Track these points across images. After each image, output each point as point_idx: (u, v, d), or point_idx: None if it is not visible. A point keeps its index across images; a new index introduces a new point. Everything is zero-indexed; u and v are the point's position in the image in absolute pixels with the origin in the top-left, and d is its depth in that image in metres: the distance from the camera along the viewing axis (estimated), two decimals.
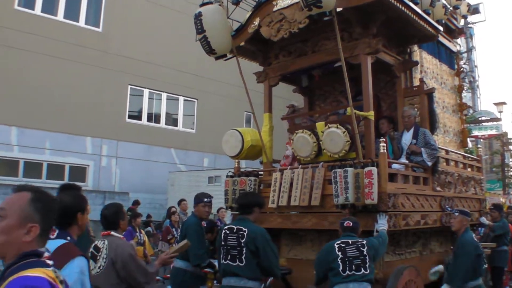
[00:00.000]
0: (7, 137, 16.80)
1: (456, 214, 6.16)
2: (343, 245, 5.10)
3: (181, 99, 21.29)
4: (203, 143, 20.21)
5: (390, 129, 7.10)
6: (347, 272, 4.97)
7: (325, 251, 5.24)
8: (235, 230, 5.00)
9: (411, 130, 6.74)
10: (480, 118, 19.10)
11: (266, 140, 7.22)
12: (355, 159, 5.98)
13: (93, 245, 4.30)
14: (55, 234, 2.94)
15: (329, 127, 6.18)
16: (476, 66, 22.03)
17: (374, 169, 5.59)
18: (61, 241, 2.89)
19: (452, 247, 8.27)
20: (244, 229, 4.98)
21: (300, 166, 6.53)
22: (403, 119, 6.81)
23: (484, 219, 8.41)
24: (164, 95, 20.89)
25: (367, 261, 4.98)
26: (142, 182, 18.90)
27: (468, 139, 20.06)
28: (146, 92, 20.38)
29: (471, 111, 19.63)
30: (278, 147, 7.82)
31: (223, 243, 4.99)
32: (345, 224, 5.31)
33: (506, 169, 25.96)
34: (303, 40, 7.00)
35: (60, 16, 18.36)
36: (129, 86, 19.78)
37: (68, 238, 2.98)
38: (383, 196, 5.65)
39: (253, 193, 6.21)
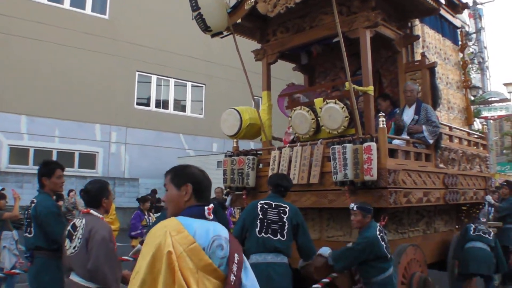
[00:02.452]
0: (17, 126, 16.89)
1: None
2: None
3: (189, 84, 21.23)
4: (212, 128, 20.12)
5: (389, 106, 6.98)
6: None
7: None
8: (274, 206, 4.95)
9: (413, 106, 6.60)
10: (489, 99, 18.79)
11: (265, 119, 7.12)
12: (355, 135, 5.85)
13: (71, 223, 4.10)
14: None
15: (327, 103, 6.06)
16: (485, 47, 21.65)
17: (373, 145, 5.47)
18: None
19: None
20: (284, 205, 4.99)
21: (299, 144, 6.42)
22: (405, 93, 6.66)
23: (489, 198, 8.24)
24: (172, 81, 20.83)
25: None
26: (152, 168, 18.90)
27: (478, 120, 19.85)
28: (154, 78, 20.34)
29: (480, 91, 19.34)
30: (279, 127, 7.73)
31: (261, 217, 4.87)
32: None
33: None
34: (301, 15, 6.86)
35: (66, 4, 18.35)
36: (137, 73, 19.74)
37: None
38: (383, 172, 5.53)
39: (283, 176, 5.93)
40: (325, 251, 5.49)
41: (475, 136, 8.68)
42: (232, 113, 7.20)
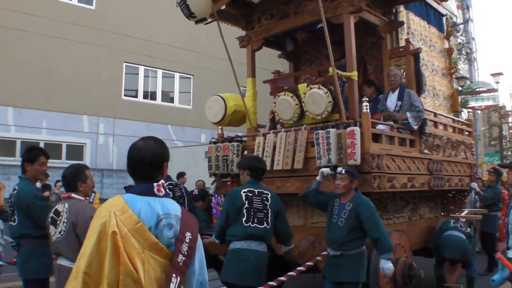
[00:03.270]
0: (3, 117, 16.74)
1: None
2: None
3: (177, 75, 21.13)
4: (200, 119, 19.95)
5: (373, 93, 6.98)
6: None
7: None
8: (257, 193, 4.86)
9: (397, 91, 6.60)
10: (477, 89, 18.87)
11: (250, 105, 7.10)
12: (339, 120, 5.84)
13: (53, 209, 4.06)
14: None
15: (311, 88, 6.04)
16: (473, 38, 21.72)
17: (357, 129, 5.47)
18: None
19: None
20: (266, 191, 4.92)
21: (283, 130, 6.41)
22: (388, 78, 6.66)
23: (475, 185, 8.28)
24: (160, 72, 20.73)
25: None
26: None
27: (466, 110, 19.95)
28: (141, 69, 20.23)
29: (468, 82, 19.42)
30: (264, 114, 7.70)
31: (247, 206, 4.79)
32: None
33: (504, 141, 25.81)
34: (286, 1, 6.84)
35: None
36: (125, 64, 19.63)
37: None
38: (367, 157, 5.54)
39: (260, 159, 5.87)
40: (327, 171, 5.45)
41: (461, 123, 8.71)
42: (217, 100, 7.18)
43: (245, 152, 6.92)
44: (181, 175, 13.85)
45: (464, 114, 20.32)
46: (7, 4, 16.53)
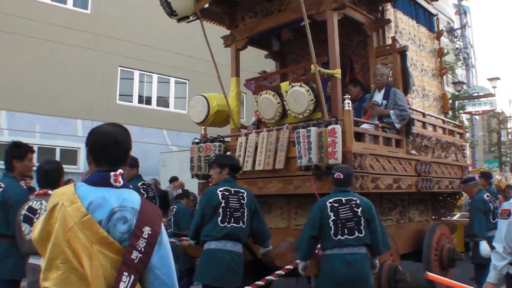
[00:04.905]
0: None
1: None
2: (336, 204, 4.65)
3: (172, 80, 20.97)
4: (196, 124, 19.91)
5: (359, 92, 6.84)
6: (339, 236, 4.58)
7: (318, 211, 4.72)
8: (233, 192, 4.77)
9: (383, 90, 6.45)
10: (474, 94, 18.69)
11: (233, 105, 6.95)
12: (321, 119, 5.69)
13: (26, 207, 3.96)
14: None
15: (292, 86, 5.90)
16: (470, 43, 21.57)
17: (338, 127, 5.31)
18: None
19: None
20: (242, 190, 4.85)
21: (265, 129, 6.25)
22: (375, 77, 6.52)
23: None
24: (155, 77, 20.55)
25: (362, 223, 4.58)
26: None
27: (464, 116, 19.80)
28: (136, 73, 20.05)
29: (465, 87, 19.27)
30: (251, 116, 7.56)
31: (224, 205, 4.67)
32: (335, 176, 4.77)
33: (502, 147, 25.62)
34: None
35: None
36: (119, 68, 19.46)
37: None
38: (348, 156, 5.39)
39: (231, 155, 5.83)
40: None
41: (452, 124, 8.56)
42: (200, 100, 7.04)
43: (228, 153, 6.77)
44: (173, 179, 13.70)
45: (465, 121, 20.24)
46: (0, 7, 16.43)
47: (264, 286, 6.45)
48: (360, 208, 4.62)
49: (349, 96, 5.62)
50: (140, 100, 20.28)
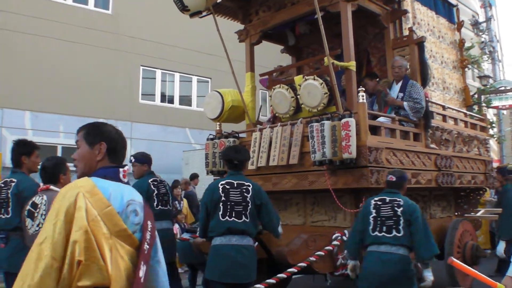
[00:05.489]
0: (21, 121, 16.80)
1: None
2: (379, 202, 4.70)
3: (195, 78, 20.99)
4: (225, 123, 19.86)
5: (376, 86, 6.67)
6: (376, 232, 4.60)
7: (364, 208, 4.83)
8: (235, 185, 4.60)
9: (400, 83, 6.28)
10: (500, 88, 18.16)
11: (248, 101, 6.87)
12: (335, 112, 5.55)
13: (30, 202, 3.98)
14: None
15: (306, 80, 5.77)
16: (496, 37, 20.95)
17: (352, 120, 5.18)
18: None
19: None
20: (247, 183, 4.63)
21: (279, 124, 6.14)
22: (393, 69, 6.35)
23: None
24: (177, 75, 20.61)
25: (401, 223, 4.53)
26: (158, 162, 18.45)
27: (491, 111, 19.32)
28: (158, 72, 20.12)
29: (491, 81, 18.75)
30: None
31: (224, 199, 4.55)
32: (388, 178, 4.88)
33: None
34: None
35: (69, 0, 18.23)
36: (141, 67, 19.56)
37: None
38: (363, 150, 5.24)
39: (245, 149, 5.71)
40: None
41: (476, 118, 8.32)
42: (214, 96, 6.98)
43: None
44: (194, 177, 13.70)
45: (489, 114, 19.71)
46: (23, 9, 16.63)
47: (282, 283, 6.42)
48: (401, 208, 4.59)
49: (363, 89, 5.47)
50: (163, 99, 20.35)
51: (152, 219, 2.24)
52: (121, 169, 2.28)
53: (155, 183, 5.63)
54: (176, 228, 8.47)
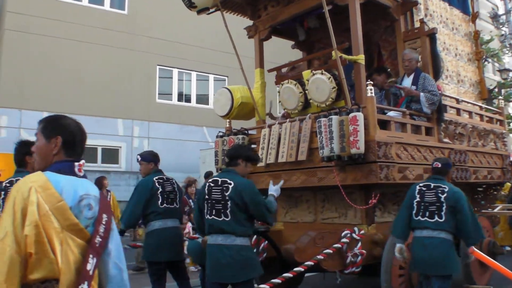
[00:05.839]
0: None
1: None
2: (424, 188, 4.96)
3: (211, 77, 21.01)
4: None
5: (385, 80, 6.53)
6: (419, 217, 4.86)
7: (409, 193, 5.08)
8: (219, 183, 4.48)
9: (412, 76, 6.15)
10: None
11: (258, 97, 6.79)
12: (343, 107, 5.44)
13: None
14: None
15: (313, 74, 5.67)
16: None
17: (360, 115, 5.07)
18: None
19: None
20: (229, 181, 4.46)
21: (288, 120, 6.06)
22: (403, 63, 6.22)
23: None
24: (193, 74, 20.65)
25: (443, 209, 4.75)
26: (175, 161, 18.69)
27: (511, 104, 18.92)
28: (175, 72, 20.19)
29: (511, 74, 18.36)
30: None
31: (207, 197, 4.50)
32: (433, 165, 5.15)
33: None
34: None
35: (85, 1, 18.35)
36: (158, 67, 19.63)
37: None
38: (371, 145, 5.13)
39: (241, 145, 5.70)
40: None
41: (493, 111, 8.12)
42: (224, 93, 6.91)
43: (254, 146, 6.61)
44: (208, 174, 13.64)
45: (510, 108, 19.29)
46: (40, 11, 16.81)
47: (294, 281, 6.34)
48: (445, 195, 4.81)
49: (372, 83, 5.35)
50: (180, 98, 20.41)
51: (109, 212, 2.27)
52: (76, 163, 2.28)
53: (161, 181, 5.58)
54: (189, 226, 8.43)
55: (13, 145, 4.88)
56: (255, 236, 5.90)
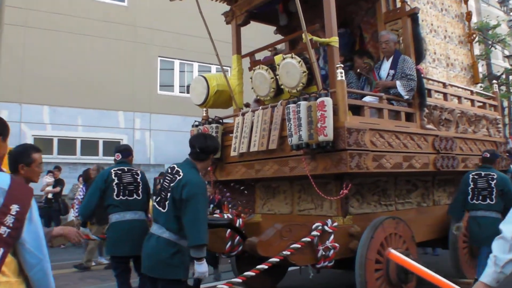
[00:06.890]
0: (39, 116, 16.88)
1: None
2: (476, 176, 6.06)
3: (214, 68, 20.73)
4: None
5: (364, 64, 6.19)
6: (474, 201, 6.01)
7: (463, 181, 6.19)
8: (174, 172, 4.13)
9: (391, 59, 5.81)
10: None
11: (235, 85, 6.54)
12: (314, 93, 5.13)
13: None
14: None
15: (284, 58, 5.37)
16: None
17: (328, 99, 4.76)
18: None
19: None
20: (181, 173, 4.07)
21: (260, 108, 5.77)
22: (380, 45, 5.89)
23: None
24: (195, 65, 20.40)
25: (494, 193, 5.88)
26: (177, 153, 18.44)
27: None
28: (176, 63, 19.95)
29: None
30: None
31: (159, 186, 4.36)
32: (483, 155, 6.23)
33: None
34: None
35: None
36: (159, 58, 19.41)
37: None
38: (341, 132, 4.82)
39: (201, 135, 5.19)
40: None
41: (486, 96, 7.75)
42: (199, 80, 6.68)
43: (231, 135, 6.32)
44: None
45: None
46: (38, 5, 16.68)
47: (274, 278, 6.09)
48: (495, 181, 5.91)
49: (342, 65, 5.03)
50: (181, 90, 20.17)
51: (21, 203, 2.27)
52: None
53: (119, 172, 5.35)
54: None
55: (13, 139, 4.62)
56: (228, 230, 5.66)
